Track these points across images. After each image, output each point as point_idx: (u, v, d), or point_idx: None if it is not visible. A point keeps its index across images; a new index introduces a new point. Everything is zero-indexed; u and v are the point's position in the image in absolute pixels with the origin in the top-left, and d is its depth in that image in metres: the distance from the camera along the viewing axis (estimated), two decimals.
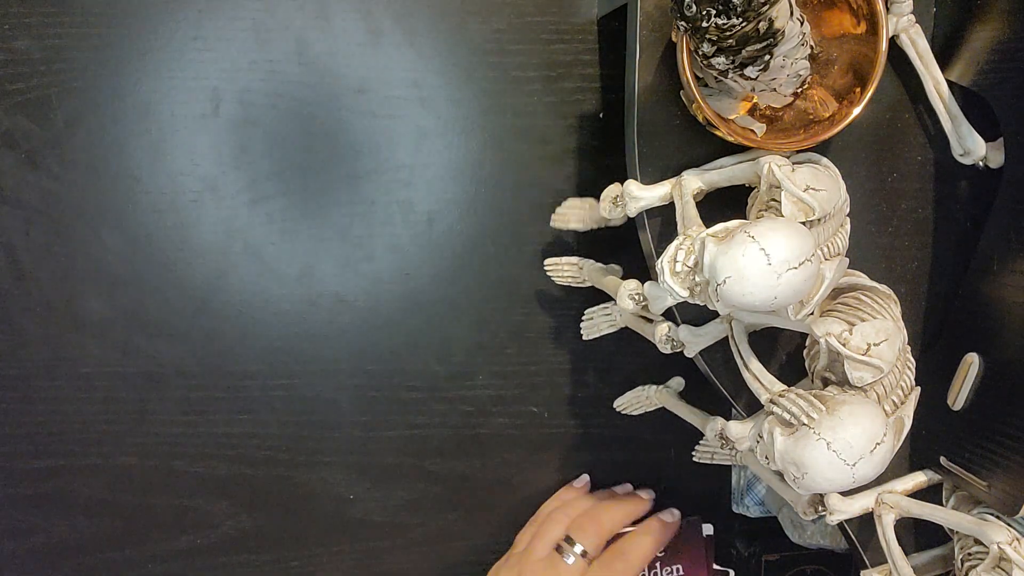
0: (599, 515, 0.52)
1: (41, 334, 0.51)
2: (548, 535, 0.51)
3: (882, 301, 0.39)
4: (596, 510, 0.52)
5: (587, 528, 0.51)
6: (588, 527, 0.51)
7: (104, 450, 0.53)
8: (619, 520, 0.52)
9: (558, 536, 0.51)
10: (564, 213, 0.50)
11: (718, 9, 0.31)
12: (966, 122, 0.41)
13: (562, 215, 0.50)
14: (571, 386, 0.56)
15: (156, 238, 0.50)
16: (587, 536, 0.50)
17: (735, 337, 0.41)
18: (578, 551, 0.50)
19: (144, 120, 0.49)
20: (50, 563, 0.54)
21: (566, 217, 0.50)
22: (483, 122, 0.51)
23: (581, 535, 0.50)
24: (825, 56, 0.39)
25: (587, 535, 0.50)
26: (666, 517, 0.54)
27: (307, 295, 0.53)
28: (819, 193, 0.37)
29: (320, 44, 0.49)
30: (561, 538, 0.51)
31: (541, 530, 0.52)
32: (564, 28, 0.51)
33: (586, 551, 0.50)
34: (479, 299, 0.54)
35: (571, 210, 0.50)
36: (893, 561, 0.40)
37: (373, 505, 0.56)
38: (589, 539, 0.50)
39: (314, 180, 0.51)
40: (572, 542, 0.50)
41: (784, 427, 0.36)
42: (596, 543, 0.51)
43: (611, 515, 0.52)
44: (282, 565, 0.56)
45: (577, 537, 0.50)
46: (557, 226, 0.50)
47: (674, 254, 0.35)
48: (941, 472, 0.42)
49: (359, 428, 0.55)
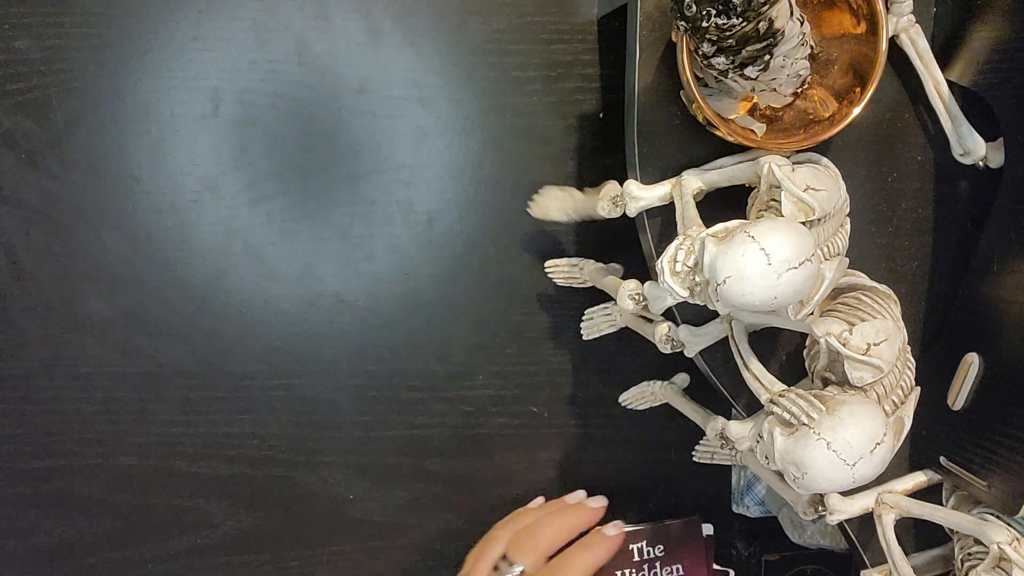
0: (539, 530, 0.49)
1: (41, 334, 0.51)
2: (488, 555, 0.49)
3: (882, 301, 0.39)
4: (537, 525, 0.50)
5: (525, 545, 0.48)
6: (527, 543, 0.48)
7: (104, 450, 0.53)
8: (561, 534, 0.49)
9: (497, 555, 0.49)
10: (543, 203, 0.49)
11: (718, 9, 0.31)
12: (966, 122, 0.41)
13: (541, 204, 0.49)
14: (571, 386, 0.56)
15: (156, 238, 0.50)
16: (524, 553, 0.48)
17: (735, 337, 0.41)
18: (516, 571, 0.47)
19: (144, 120, 0.49)
20: (50, 563, 0.54)
21: (546, 207, 0.49)
22: (483, 122, 0.51)
23: (519, 553, 0.48)
24: (825, 56, 0.39)
25: (525, 552, 0.48)
26: (609, 531, 0.51)
27: (307, 295, 0.53)
28: (819, 193, 0.37)
29: (320, 44, 0.49)
30: (500, 557, 0.48)
31: (483, 550, 0.50)
32: (564, 28, 0.51)
33: (524, 570, 0.47)
34: (479, 299, 0.54)
35: (550, 199, 0.49)
36: (893, 561, 0.40)
37: (373, 505, 0.56)
38: (527, 556, 0.48)
39: (314, 180, 0.51)
40: (510, 562, 0.48)
41: (784, 427, 0.36)
42: (534, 560, 0.48)
43: (552, 529, 0.49)
44: (282, 565, 0.56)
45: (514, 555, 0.48)
46: (537, 215, 0.49)
47: (674, 254, 0.35)
48: (941, 472, 0.42)
49: (359, 428, 0.55)
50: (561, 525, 0.50)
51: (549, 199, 0.49)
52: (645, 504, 0.59)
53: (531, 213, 0.49)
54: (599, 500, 0.53)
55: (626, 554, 0.56)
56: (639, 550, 0.56)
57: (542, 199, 0.49)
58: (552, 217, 0.49)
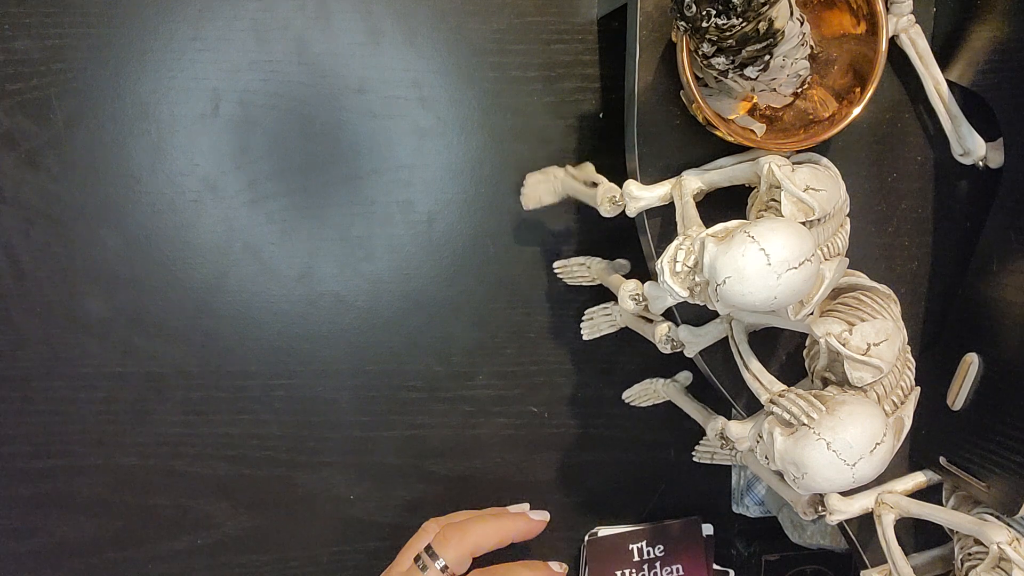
0: (467, 528, 0.48)
1: (41, 334, 0.51)
2: (414, 547, 0.49)
3: (882, 301, 0.39)
4: (467, 523, 0.49)
5: (450, 539, 0.47)
6: (452, 538, 0.47)
7: (104, 450, 0.53)
8: (489, 535, 0.48)
9: (422, 548, 0.48)
10: (530, 193, 0.49)
11: (718, 9, 0.31)
12: (966, 122, 0.41)
13: (530, 195, 0.49)
14: (571, 386, 0.56)
15: (156, 238, 0.50)
16: (448, 548, 0.47)
17: (735, 337, 0.41)
18: (439, 566, 0.46)
19: (144, 120, 0.49)
20: (50, 563, 0.54)
21: (535, 195, 0.49)
22: (483, 122, 0.51)
23: (443, 547, 0.47)
24: (825, 56, 0.39)
25: (448, 547, 0.47)
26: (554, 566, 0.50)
27: (307, 295, 0.53)
28: (819, 193, 0.37)
29: (320, 44, 0.49)
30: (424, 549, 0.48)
31: (411, 542, 0.49)
32: (564, 28, 0.51)
33: (447, 566, 0.47)
34: (479, 299, 0.54)
35: (536, 186, 0.49)
36: (893, 561, 0.40)
37: (373, 505, 0.56)
38: (450, 552, 0.47)
39: (314, 180, 0.51)
40: (434, 556, 0.47)
41: (784, 427, 0.36)
42: (457, 556, 0.47)
43: (480, 529, 0.48)
44: (282, 565, 0.56)
45: (439, 549, 0.47)
46: (530, 207, 0.49)
47: (674, 254, 0.35)
48: (941, 472, 0.42)
49: (359, 428, 0.55)
50: (492, 527, 0.49)
51: (535, 186, 0.49)
52: (645, 504, 0.59)
53: (524, 206, 0.49)
54: (540, 514, 0.52)
55: (626, 554, 0.56)
56: (639, 550, 0.56)
57: (529, 189, 0.49)
58: (545, 202, 0.49)
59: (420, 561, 0.47)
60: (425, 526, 0.50)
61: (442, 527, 0.49)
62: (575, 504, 0.58)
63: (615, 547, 0.56)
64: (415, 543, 0.49)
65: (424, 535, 0.49)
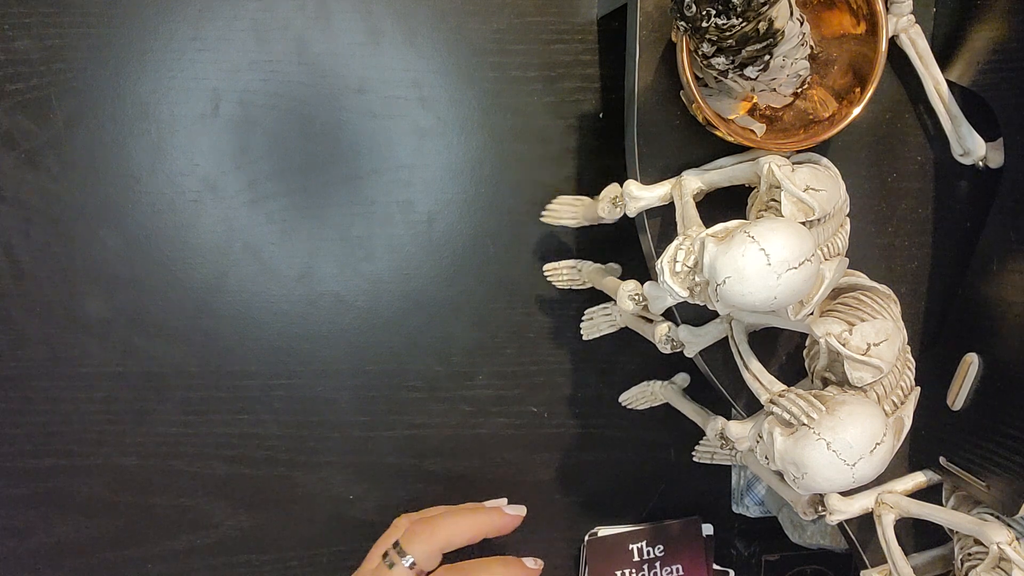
0: (437, 524, 0.46)
1: (41, 334, 0.51)
2: (384, 543, 0.47)
3: (882, 301, 0.39)
4: (437, 519, 0.47)
5: (419, 535, 0.46)
6: (420, 534, 0.46)
7: (104, 450, 0.53)
8: (459, 531, 0.47)
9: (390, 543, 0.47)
10: (556, 209, 0.50)
11: (718, 9, 0.31)
12: (966, 122, 0.41)
13: (554, 211, 0.50)
14: (571, 386, 0.56)
15: (156, 238, 0.50)
16: (416, 544, 0.45)
17: (735, 337, 0.41)
18: (407, 563, 0.45)
19: (144, 120, 0.49)
20: (50, 563, 0.54)
21: (558, 214, 0.50)
22: (483, 122, 0.51)
23: (411, 543, 0.46)
24: (825, 56, 0.39)
25: (416, 543, 0.45)
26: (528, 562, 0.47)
27: (307, 295, 0.53)
28: (819, 193, 0.37)
29: (320, 44, 0.49)
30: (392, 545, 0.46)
31: (381, 539, 0.48)
32: (564, 28, 0.51)
33: (415, 562, 0.45)
34: (479, 299, 0.54)
35: (563, 207, 0.49)
36: (893, 561, 0.40)
37: (373, 505, 0.56)
38: (418, 547, 0.45)
39: (314, 180, 0.51)
40: (402, 552, 0.45)
41: (784, 427, 0.36)
42: (425, 551, 0.45)
43: (451, 525, 0.47)
44: (281, 565, 0.56)
45: (407, 546, 0.45)
46: (549, 222, 0.50)
47: (674, 254, 0.35)
48: (941, 472, 0.42)
49: (359, 428, 0.55)
50: (463, 523, 0.47)
51: (560, 206, 0.49)
52: (645, 504, 0.59)
53: (544, 221, 0.50)
54: (517, 508, 0.50)
55: (626, 554, 0.56)
56: (639, 550, 0.56)
57: (557, 207, 0.50)
58: (563, 223, 0.49)
59: (388, 558, 0.45)
60: (396, 522, 0.49)
61: (411, 523, 0.47)
62: (575, 504, 0.58)
63: (615, 547, 0.56)
64: (385, 540, 0.48)
65: (395, 531, 0.48)
